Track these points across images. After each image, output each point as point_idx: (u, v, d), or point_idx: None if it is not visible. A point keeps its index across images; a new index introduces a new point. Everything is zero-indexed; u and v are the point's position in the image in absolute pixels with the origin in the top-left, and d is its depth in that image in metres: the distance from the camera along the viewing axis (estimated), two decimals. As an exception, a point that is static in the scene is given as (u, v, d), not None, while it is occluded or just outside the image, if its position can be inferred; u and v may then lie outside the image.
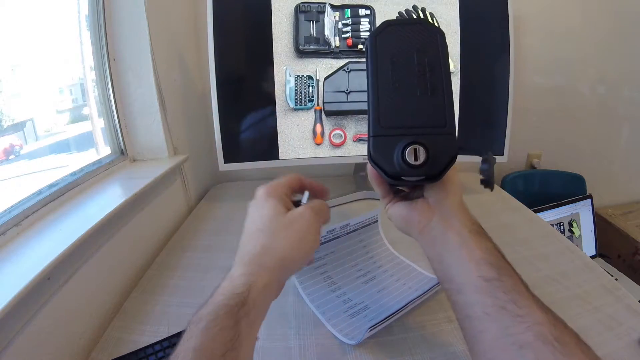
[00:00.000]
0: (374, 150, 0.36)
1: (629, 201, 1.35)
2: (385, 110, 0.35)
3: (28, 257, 0.47)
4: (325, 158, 0.87)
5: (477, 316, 0.32)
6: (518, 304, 0.30)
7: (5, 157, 0.62)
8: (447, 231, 0.37)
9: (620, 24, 1.16)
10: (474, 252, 0.34)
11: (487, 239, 0.37)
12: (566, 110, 1.22)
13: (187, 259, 0.72)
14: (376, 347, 0.49)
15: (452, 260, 0.35)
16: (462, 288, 0.34)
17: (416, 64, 0.36)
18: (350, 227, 0.64)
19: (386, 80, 0.36)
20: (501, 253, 0.35)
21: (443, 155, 0.34)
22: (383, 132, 0.35)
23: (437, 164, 0.34)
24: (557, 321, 0.30)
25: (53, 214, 0.59)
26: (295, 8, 0.82)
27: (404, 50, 0.36)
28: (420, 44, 0.36)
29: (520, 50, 1.09)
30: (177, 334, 0.51)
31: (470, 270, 0.34)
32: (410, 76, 0.36)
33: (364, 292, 0.58)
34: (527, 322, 0.29)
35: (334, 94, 0.85)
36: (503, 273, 0.33)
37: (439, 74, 0.36)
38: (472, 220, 0.38)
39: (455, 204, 0.38)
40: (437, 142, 0.34)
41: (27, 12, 0.67)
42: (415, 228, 0.39)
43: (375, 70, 0.36)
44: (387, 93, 0.36)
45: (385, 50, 0.36)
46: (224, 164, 0.85)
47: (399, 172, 0.35)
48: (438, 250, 0.37)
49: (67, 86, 0.79)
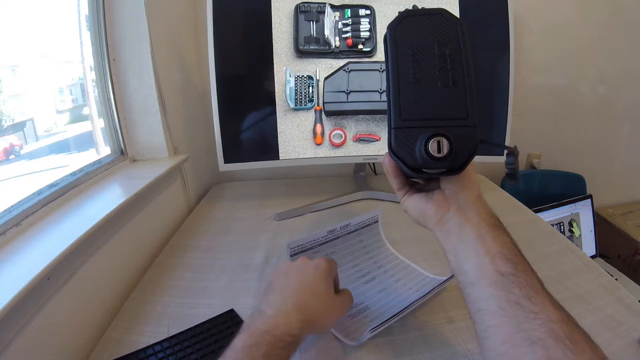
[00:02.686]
0: (395, 142, 0.35)
1: (629, 201, 1.35)
2: (406, 103, 0.35)
3: (28, 257, 0.47)
4: (325, 158, 0.87)
5: (490, 310, 0.32)
6: (532, 300, 0.30)
7: (5, 157, 0.62)
8: (464, 223, 0.37)
9: (620, 24, 1.16)
10: (490, 245, 0.35)
11: (505, 232, 0.36)
12: (566, 110, 1.22)
13: (187, 259, 0.72)
14: (376, 348, 0.49)
15: (468, 253, 0.35)
16: (477, 281, 0.34)
17: (437, 55, 0.35)
18: (350, 227, 0.64)
19: (407, 72, 0.35)
20: (518, 248, 0.35)
21: (465, 147, 0.34)
22: (404, 124, 0.35)
23: (460, 156, 0.34)
24: (570, 319, 0.30)
25: (53, 214, 0.59)
26: (295, 8, 0.82)
27: (425, 42, 0.35)
28: (441, 35, 0.35)
29: (520, 50, 1.09)
30: (177, 334, 0.51)
31: (486, 264, 0.34)
32: (431, 68, 0.35)
33: (364, 292, 0.58)
34: (541, 319, 0.29)
35: (334, 94, 0.85)
36: (519, 268, 0.33)
37: (460, 66, 0.35)
38: (490, 213, 0.38)
39: (473, 196, 0.38)
40: (459, 134, 0.34)
41: (27, 12, 0.66)
42: (431, 220, 0.39)
43: (395, 62, 0.35)
44: (408, 85, 0.35)
45: (406, 41, 0.35)
46: (224, 164, 0.85)
47: (420, 164, 0.34)
48: (454, 242, 0.37)
49: (67, 86, 0.79)
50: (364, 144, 0.88)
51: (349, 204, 0.93)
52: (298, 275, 0.46)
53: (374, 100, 0.85)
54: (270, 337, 0.37)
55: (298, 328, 0.40)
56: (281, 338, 0.38)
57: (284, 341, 0.37)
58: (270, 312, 0.41)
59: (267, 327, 0.38)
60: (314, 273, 0.46)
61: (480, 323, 0.33)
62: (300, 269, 0.47)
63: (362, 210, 0.89)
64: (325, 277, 0.46)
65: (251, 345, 0.36)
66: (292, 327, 0.39)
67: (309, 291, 0.44)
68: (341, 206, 0.92)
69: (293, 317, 0.40)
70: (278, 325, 0.39)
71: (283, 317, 0.40)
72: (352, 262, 0.63)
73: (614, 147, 1.31)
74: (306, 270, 0.46)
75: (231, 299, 0.59)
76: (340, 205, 0.92)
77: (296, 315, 0.40)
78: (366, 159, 0.89)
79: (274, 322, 0.39)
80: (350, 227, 0.64)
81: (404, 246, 0.69)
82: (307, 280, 0.45)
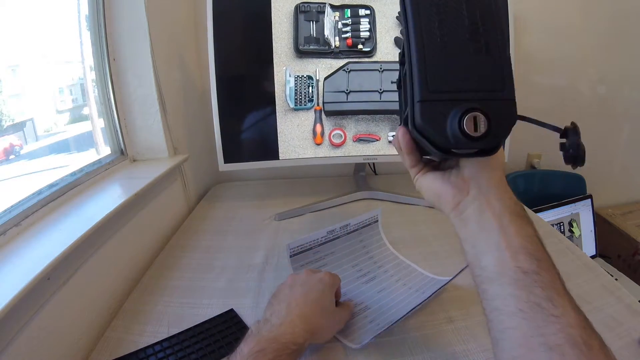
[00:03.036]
0: (422, 118, 0.30)
1: (629, 201, 1.35)
2: (433, 71, 0.29)
3: (28, 257, 0.47)
4: (325, 158, 0.87)
5: (508, 311, 0.29)
6: (554, 303, 0.28)
7: (5, 157, 0.62)
8: (485, 211, 0.33)
9: (620, 24, 1.16)
10: (513, 238, 0.31)
11: (529, 224, 0.33)
12: (566, 110, 1.22)
13: (187, 259, 0.72)
14: (376, 348, 0.49)
15: (487, 246, 0.32)
16: (496, 278, 0.31)
17: (467, 16, 0.30)
18: (350, 227, 0.64)
19: (432, 35, 0.30)
20: (542, 242, 0.32)
21: (503, 124, 0.29)
22: (432, 96, 0.29)
23: (497, 135, 0.29)
24: (587, 324, 0.28)
25: (53, 214, 0.59)
26: (295, 8, 0.82)
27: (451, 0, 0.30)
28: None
29: (520, 50, 1.09)
30: (177, 334, 0.51)
31: (507, 260, 0.30)
32: (460, 31, 0.30)
33: (364, 292, 0.58)
34: (560, 324, 0.27)
35: (334, 94, 0.85)
36: (542, 266, 0.30)
37: (493, 29, 0.30)
38: (514, 200, 0.34)
39: (495, 179, 0.34)
40: (496, 108, 0.29)
41: (27, 12, 0.66)
42: (448, 204, 0.35)
43: (418, 22, 0.30)
44: (434, 51, 0.30)
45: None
46: (224, 164, 0.85)
47: (451, 144, 0.30)
48: (472, 231, 0.33)
49: (67, 86, 0.79)
50: (363, 144, 0.88)
51: (349, 204, 0.93)
52: (302, 287, 0.48)
53: (374, 100, 0.85)
54: (277, 344, 0.39)
55: (303, 337, 0.41)
56: (286, 345, 0.39)
57: (289, 349, 0.39)
58: (276, 321, 0.42)
59: (273, 335, 0.40)
60: (318, 286, 0.48)
61: (495, 322, 0.30)
62: (304, 282, 0.49)
63: (362, 210, 0.89)
64: (328, 290, 0.48)
65: (257, 351, 0.37)
66: (297, 336, 0.41)
67: (313, 303, 0.46)
68: (341, 206, 0.92)
69: (298, 326, 0.42)
70: (284, 334, 0.40)
71: (289, 326, 0.42)
72: (352, 262, 0.63)
73: (614, 147, 1.31)
74: (310, 284, 0.48)
75: (231, 298, 0.59)
76: (340, 205, 0.92)
77: (301, 325, 0.42)
78: (366, 159, 0.89)
79: (280, 331, 0.41)
80: (350, 227, 0.64)
81: (404, 246, 0.69)
82: (311, 292, 0.47)
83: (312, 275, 0.50)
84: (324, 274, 0.50)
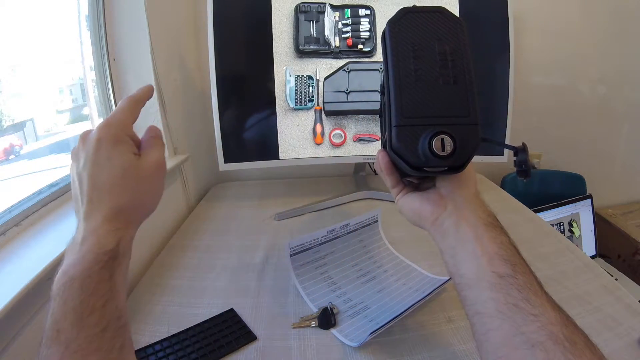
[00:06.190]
0: (397, 140, 0.34)
1: (629, 201, 1.35)
2: (408, 100, 0.34)
3: (28, 257, 0.47)
4: (325, 158, 0.87)
5: (488, 313, 0.31)
6: (532, 303, 0.30)
7: (5, 157, 0.62)
8: (460, 223, 0.36)
9: (620, 24, 1.16)
10: (487, 246, 0.34)
11: (503, 232, 0.36)
12: (566, 110, 1.22)
13: (187, 259, 0.72)
14: (376, 348, 0.49)
15: (465, 255, 0.35)
16: (474, 283, 0.33)
17: (437, 53, 0.35)
18: (350, 227, 0.64)
19: (407, 69, 0.35)
20: (516, 248, 0.35)
21: (467, 145, 0.34)
22: (406, 121, 0.34)
23: (462, 155, 0.33)
24: (569, 321, 0.30)
25: (53, 214, 0.59)
26: (295, 8, 0.82)
27: (425, 39, 0.35)
28: (441, 33, 0.35)
29: (520, 50, 1.09)
30: (177, 333, 0.51)
31: (484, 266, 0.33)
32: (432, 65, 0.35)
33: (364, 292, 0.58)
34: (540, 322, 0.29)
35: (334, 94, 0.85)
36: (517, 269, 0.32)
37: (460, 64, 0.35)
38: (487, 212, 0.37)
39: (470, 195, 0.37)
40: (461, 132, 0.33)
41: (28, 12, 0.66)
42: (427, 220, 0.38)
43: (395, 59, 0.35)
44: (409, 83, 0.35)
45: (406, 38, 0.35)
46: (224, 164, 0.85)
47: (423, 163, 0.34)
48: (450, 243, 0.36)
49: (67, 86, 0.79)
50: (363, 144, 0.88)
51: (348, 203, 0.93)
52: (85, 168, 0.34)
53: (374, 100, 0.85)
54: (82, 264, 0.30)
55: (111, 237, 0.32)
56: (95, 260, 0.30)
57: (99, 263, 0.30)
58: (78, 236, 0.32)
59: (80, 256, 0.31)
60: (100, 153, 0.34)
61: (478, 326, 0.32)
62: (85, 159, 0.34)
63: (362, 210, 0.89)
64: (111, 147, 0.34)
65: (63, 283, 0.30)
66: (104, 241, 0.32)
67: (103, 180, 0.34)
68: (341, 206, 0.92)
69: (101, 227, 0.32)
70: (90, 248, 0.31)
71: (91, 234, 0.32)
72: (352, 261, 0.63)
73: (614, 147, 1.31)
74: (89, 155, 0.34)
75: (231, 298, 0.59)
76: (340, 205, 0.92)
77: (106, 226, 0.32)
78: (366, 158, 0.89)
79: (85, 247, 0.31)
80: (350, 227, 0.64)
81: (404, 246, 0.69)
82: (94, 167, 0.34)
83: (87, 141, 0.35)
84: (96, 130, 0.35)
